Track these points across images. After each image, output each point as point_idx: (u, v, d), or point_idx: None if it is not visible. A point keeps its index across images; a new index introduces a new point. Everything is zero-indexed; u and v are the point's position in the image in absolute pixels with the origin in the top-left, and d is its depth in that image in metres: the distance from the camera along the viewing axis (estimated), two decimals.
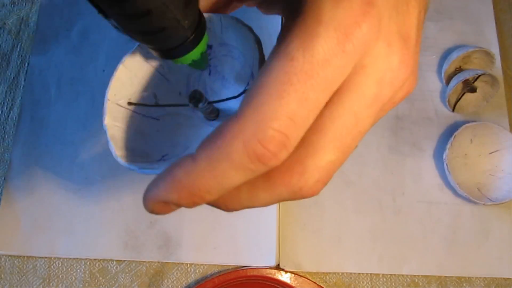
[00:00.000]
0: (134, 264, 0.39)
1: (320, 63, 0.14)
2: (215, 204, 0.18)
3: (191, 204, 0.16)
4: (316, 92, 0.14)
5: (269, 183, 0.16)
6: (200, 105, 0.23)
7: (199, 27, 0.19)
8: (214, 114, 0.25)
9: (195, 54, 0.20)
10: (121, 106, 0.23)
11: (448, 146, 0.41)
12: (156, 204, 0.16)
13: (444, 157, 0.42)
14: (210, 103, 0.24)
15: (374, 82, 0.16)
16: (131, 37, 0.18)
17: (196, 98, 0.23)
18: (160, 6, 0.16)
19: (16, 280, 0.38)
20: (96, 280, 0.39)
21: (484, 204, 0.41)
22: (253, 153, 0.14)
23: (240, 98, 0.23)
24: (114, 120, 0.23)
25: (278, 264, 0.39)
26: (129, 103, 0.24)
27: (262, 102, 0.14)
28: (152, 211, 0.17)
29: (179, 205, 0.16)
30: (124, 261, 0.39)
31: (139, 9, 0.15)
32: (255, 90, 0.15)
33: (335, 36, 0.14)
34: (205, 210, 0.40)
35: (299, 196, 0.17)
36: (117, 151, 0.23)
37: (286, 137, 0.14)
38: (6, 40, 0.45)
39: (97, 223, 0.39)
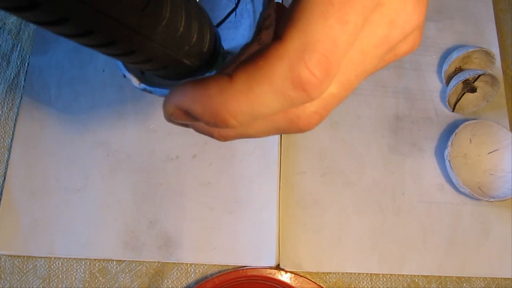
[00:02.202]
0: (134, 264, 0.39)
1: None
2: (209, 131, 0.17)
3: (211, 124, 0.15)
4: (355, 15, 0.14)
5: (264, 61, 0.15)
6: None
7: (212, 57, 0.18)
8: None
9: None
10: None
11: (449, 143, 0.42)
12: (177, 110, 0.16)
13: (446, 154, 0.42)
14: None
15: (387, 23, 0.15)
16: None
17: None
18: (161, 55, 0.15)
19: (16, 280, 0.38)
20: (96, 280, 0.39)
21: (487, 201, 0.41)
22: (298, 78, 0.14)
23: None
24: None
25: (278, 264, 0.39)
26: None
27: (306, 23, 0.13)
28: (169, 115, 0.16)
29: (198, 120, 0.16)
30: (124, 261, 0.39)
31: (141, 58, 0.15)
32: (297, 11, 0.14)
33: None
34: (205, 210, 0.40)
35: (295, 126, 0.16)
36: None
37: (330, 63, 0.14)
38: (6, 40, 0.45)
39: (97, 223, 0.39)
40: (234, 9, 0.22)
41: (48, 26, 0.12)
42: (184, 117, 0.16)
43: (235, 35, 0.24)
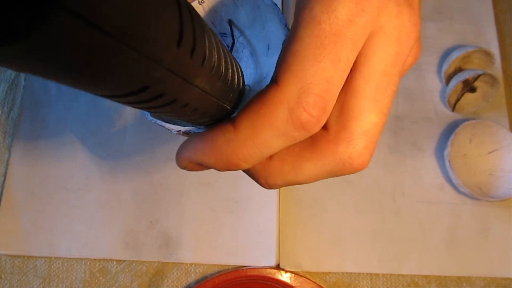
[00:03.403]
0: (134, 264, 0.39)
1: (345, 23, 0.15)
2: (255, 178, 0.18)
3: (226, 170, 0.16)
4: (346, 52, 0.15)
5: (315, 154, 0.16)
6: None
7: (239, 97, 0.18)
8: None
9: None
10: None
11: (449, 143, 0.42)
12: (191, 163, 0.17)
13: (445, 154, 0.42)
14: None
15: (394, 40, 0.16)
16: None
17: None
18: (211, 104, 0.15)
19: (16, 280, 0.38)
20: (96, 280, 0.39)
21: (487, 201, 0.41)
22: (298, 120, 0.15)
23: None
24: None
25: (278, 264, 0.39)
26: None
27: (300, 67, 0.14)
28: (184, 168, 0.17)
29: (214, 168, 0.17)
30: (124, 261, 0.39)
31: (180, 106, 0.14)
32: (290, 55, 0.15)
33: None
34: (205, 210, 0.40)
35: (348, 167, 0.17)
36: None
37: (326, 101, 0.15)
38: None
39: (97, 223, 0.39)
40: (233, 44, 0.22)
41: (122, 98, 0.11)
42: (199, 168, 0.17)
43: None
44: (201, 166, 0.17)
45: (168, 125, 0.18)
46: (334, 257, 0.40)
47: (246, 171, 0.18)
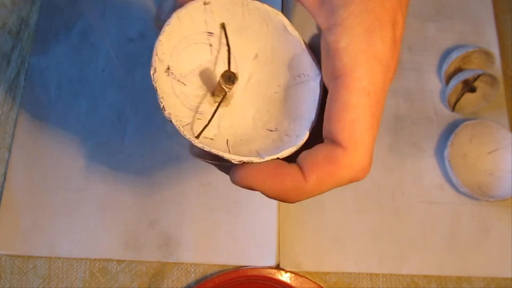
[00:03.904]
0: (134, 264, 0.39)
1: (381, 90, 0.18)
2: (280, 199, 0.20)
3: (277, 200, 0.19)
4: (380, 110, 0.18)
5: (338, 169, 0.18)
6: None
7: None
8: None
9: None
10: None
11: (449, 143, 0.42)
12: (248, 187, 0.19)
13: (445, 154, 0.42)
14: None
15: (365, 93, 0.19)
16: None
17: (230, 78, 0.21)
18: None
19: (16, 280, 0.38)
20: (96, 280, 0.39)
21: (487, 201, 0.41)
22: (356, 179, 0.18)
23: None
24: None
25: (278, 264, 0.39)
26: None
27: (361, 136, 0.18)
28: (237, 185, 0.20)
29: (265, 195, 0.19)
30: (124, 261, 0.39)
31: None
32: (350, 124, 0.17)
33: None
34: (205, 210, 0.40)
35: (356, 178, 0.19)
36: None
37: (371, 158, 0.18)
38: (6, 40, 0.45)
39: (97, 223, 0.39)
40: (229, 50, 0.22)
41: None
42: (250, 189, 0.19)
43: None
44: (254, 189, 0.19)
45: (228, 155, 0.19)
46: (334, 257, 0.40)
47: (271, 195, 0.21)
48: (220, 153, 0.19)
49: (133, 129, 0.42)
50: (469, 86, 0.45)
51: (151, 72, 0.19)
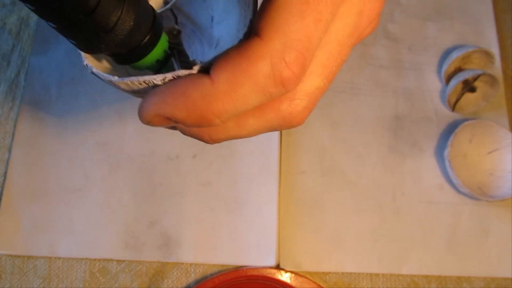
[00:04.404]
0: (134, 264, 0.39)
1: None
2: (199, 135, 0.17)
3: (196, 125, 0.16)
4: (327, 13, 0.15)
5: (259, 110, 0.16)
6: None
7: (154, 25, 0.17)
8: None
9: (157, 53, 0.18)
10: None
11: (449, 143, 0.42)
12: (157, 117, 0.16)
13: (445, 154, 0.42)
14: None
15: (356, 13, 0.16)
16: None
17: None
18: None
19: (16, 280, 0.38)
20: (96, 280, 0.39)
21: (487, 201, 0.41)
22: (279, 76, 0.14)
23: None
24: None
25: (278, 264, 0.39)
26: None
27: (285, 22, 0.14)
28: (148, 123, 0.16)
29: (182, 123, 0.16)
30: (124, 261, 0.39)
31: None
32: (274, 10, 0.14)
33: None
34: (205, 210, 0.40)
35: (287, 123, 0.17)
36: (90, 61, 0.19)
37: (305, 59, 0.15)
38: (6, 40, 0.45)
39: (97, 223, 0.39)
40: (177, 23, 0.22)
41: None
42: (166, 122, 0.16)
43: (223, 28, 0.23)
44: (169, 120, 0.16)
45: (151, 76, 0.16)
46: (334, 257, 0.40)
47: (189, 130, 0.18)
48: (146, 78, 0.16)
49: (133, 129, 0.42)
50: (469, 86, 0.45)
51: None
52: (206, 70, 0.16)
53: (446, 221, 0.42)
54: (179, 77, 0.16)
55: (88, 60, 0.18)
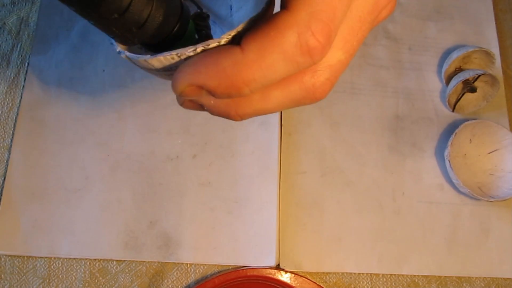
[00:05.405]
0: (134, 264, 0.39)
1: None
2: (226, 111, 0.18)
3: (226, 95, 0.16)
4: None
5: (284, 82, 0.17)
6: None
7: (182, 16, 0.19)
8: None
9: (186, 40, 0.19)
10: None
11: (449, 143, 0.42)
12: (189, 87, 0.17)
13: (445, 154, 0.42)
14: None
15: None
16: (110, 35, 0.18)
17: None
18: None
19: (16, 280, 0.38)
20: (96, 280, 0.39)
21: (487, 201, 0.41)
22: (306, 45, 0.15)
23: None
24: None
25: (278, 264, 0.39)
26: None
27: None
28: (181, 93, 0.17)
29: (212, 93, 0.17)
30: (124, 261, 0.39)
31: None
32: None
33: None
34: (205, 210, 0.40)
35: (311, 95, 0.17)
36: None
37: (331, 30, 0.15)
38: (6, 40, 0.45)
39: (97, 223, 0.39)
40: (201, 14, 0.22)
41: None
42: (198, 92, 0.17)
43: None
44: (201, 90, 0.17)
45: (163, 54, 0.17)
46: (334, 257, 0.40)
47: (217, 108, 0.18)
48: (178, 51, 0.17)
49: (133, 129, 0.42)
50: (469, 86, 0.45)
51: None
52: (232, 41, 0.17)
53: (446, 221, 0.42)
54: (209, 47, 0.17)
55: (120, 47, 0.19)
